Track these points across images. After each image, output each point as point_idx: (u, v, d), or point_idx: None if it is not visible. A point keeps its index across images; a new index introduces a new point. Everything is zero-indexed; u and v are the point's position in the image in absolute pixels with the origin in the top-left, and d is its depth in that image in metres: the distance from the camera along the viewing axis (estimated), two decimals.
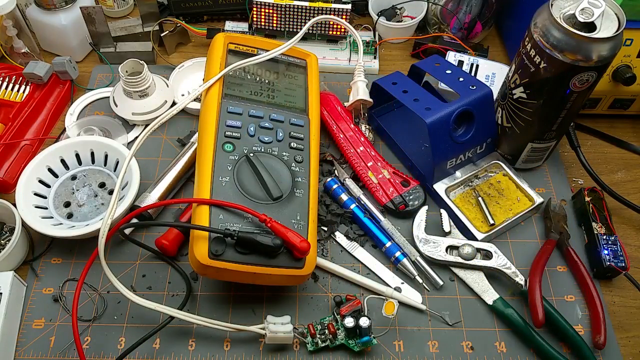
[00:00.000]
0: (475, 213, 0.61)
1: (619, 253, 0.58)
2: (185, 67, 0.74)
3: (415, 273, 0.57)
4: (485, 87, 0.60)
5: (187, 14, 0.81)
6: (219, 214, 0.50)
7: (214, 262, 0.48)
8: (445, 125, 0.58)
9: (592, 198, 0.62)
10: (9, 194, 0.63)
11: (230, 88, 0.60)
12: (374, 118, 0.69)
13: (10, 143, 0.65)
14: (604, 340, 0.53)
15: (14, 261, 0.57)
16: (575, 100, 0.56)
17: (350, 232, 0.61)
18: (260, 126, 0.58)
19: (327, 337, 0.52)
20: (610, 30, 0.51)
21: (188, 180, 0.64)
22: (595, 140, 0.72)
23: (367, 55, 0.78)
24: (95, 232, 0.55)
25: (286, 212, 0.52)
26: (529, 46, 0.54)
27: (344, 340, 0.52)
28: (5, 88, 0.71)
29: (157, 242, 0.57)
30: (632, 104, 0.70)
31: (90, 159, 0.63)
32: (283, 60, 0.66)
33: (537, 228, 0.63)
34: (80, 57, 0.78)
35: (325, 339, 0.52)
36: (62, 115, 0.72)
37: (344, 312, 0.52)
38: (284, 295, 0.56)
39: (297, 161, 0.57)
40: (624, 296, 0.58)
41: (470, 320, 0.56)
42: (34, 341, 0.53)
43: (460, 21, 0.78)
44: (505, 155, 0.65)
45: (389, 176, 0.63)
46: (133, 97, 0.68)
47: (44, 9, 0.72)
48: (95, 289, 0.56)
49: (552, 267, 0.59)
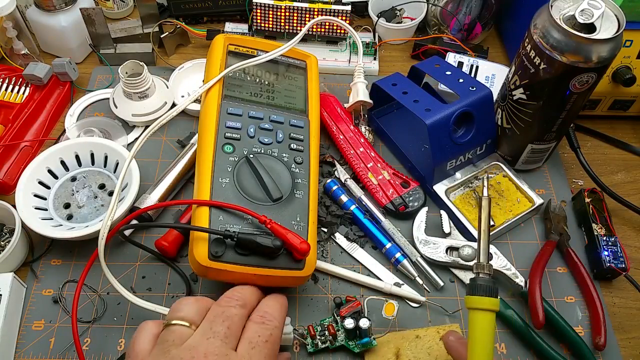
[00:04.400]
0: (475, 214, 0.61)
1: (619, 254, 0.58)
2: (185, 68, 0.74)
3: (415, 274, 0.57)
4: (485, 88, 0.60)
5: (187, 16, 0.81)
6: (219, 215, 0.50)
7: (214, 263, 0.48)
8: (445, 127, 0.58)
9: (592, 199, 0.62)
10: (8, 196, 0.63)
11: (230, 89, 0.60)
12: (373, 119, 0.69)
13: (10, 144, 0.65)
14: (604, 342, 0.53)
15: (13, 262, 0.57)
16: (575, 102, 0.56)
17: (350, 234, 0.61)
18: (260, 127, 0.58)
19: (327, 338, 0.52)
20: (610, 31, 0.51)
21: (188, 182, 0.64)
22: (595, 141, 0.72)
23: (367, 57, 0.78)
24: (95, 234, 0.55)
25: (286, 213, 0.52)
26: (529, 47, 0.54)
27: (344, 341, 0.52)
28: (5, 89, 0.71)
29: (157, 243, 0.57)
30: (632, 105, 0.70)
31: (90, 160, 0.63)
32: (283, 61, 0.66)
33: (537, 229, 0.63)
34: (80, 59, 0.78)
35: (325, 340, 0.52)
36: (62, 116, 0.72)
37: (343, 313, 0.52)
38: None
39: (297, 162, 0.57)
40: (624, 297, 0.58)
41: None
42: (33, 342, 0.53)
43: (460, 22, 0.78)
44: (505, 156, 0.65)
45: (389, 177, 0.63)
46: (133, 99, 0.68)
47: (43, 10, 0.72)
48: (95, 291, 0.56)
49: (552, 268, 0.59)
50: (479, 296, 0.42)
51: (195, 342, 0.39)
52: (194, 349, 0.39)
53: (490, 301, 0.42)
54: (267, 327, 0.42)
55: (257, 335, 0.41)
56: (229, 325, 0.41)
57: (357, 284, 0.58)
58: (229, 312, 0.42)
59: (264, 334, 0.42)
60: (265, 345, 0.41)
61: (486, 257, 0.44)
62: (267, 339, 0.42)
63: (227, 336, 0.40)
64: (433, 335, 0.53)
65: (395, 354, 0.52)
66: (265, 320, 0.43)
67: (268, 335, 0.42)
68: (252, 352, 0.40)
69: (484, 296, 0.42)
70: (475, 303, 0.42)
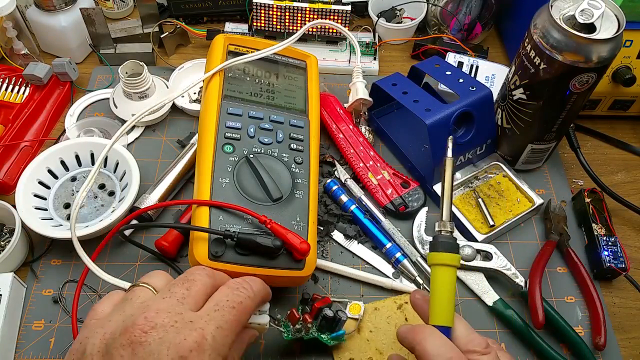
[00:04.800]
0: (475, 214, 0.61)
1: (619, 254, 0.58)
2: (185, 68, 0.74)
3: (415, 274, 0.57)
4: (485, 88, 0.60)
5: (187, 16, 0.81)
6: (219, 215, 0.50)
7: (214, 263, 0.48)
8: (445, 127, 0.58)
9: (592, 199, 0.62)
10: (8, 196, 0.63)
11: (230, 89, 0.60)
12: (373, 119, 0.69)
13: (10, 144, 0.65)
14: (604, 342, 0.53)
15: (13, 262, 0.57)
16: (575, 102, 0.56)
17: (350, 230, 0.60)
18: (260, 127, 0.58)
19: (303, 327, 0.50)
20: (610, 31, 0.51)
21: (188, 182, 0.64)
22: (595, 141, 0.72)
23: (367, 57, 0.78)
24: (95, 234, 0.55)
25: (286, 213, 0.52)
26: (529, 47, 0.54)
27: (317, 334, 0.50)
28: (5, 89, 0.71)
29: (157, 243, 0.57)
30: (632, 105, 0.70)
31: (90, 160, 0.63)
32: (283, 61, 0.66)
33: (537, 229, 0.63)
34: (80, 59, 0.78)
35: (300, 329, 0.50)
36: (62, 116, 0.72)
37: (318, 305, 0.50)
38: (283, 297, 0.56)
39: (297, 162, 0.57)
40: (624, 297, 0.58)
41: (471, 321, 0.55)
42: (33, 342, 0.53)
43: (460, 22, 0.78)
44: (505, 156, 0.65)
45: (389, 177, 0.63)
46: (133, 99, 0.68)
47: (43, 10, 0.72)
48: (95, 291, 0.56)
49: (552, 268, 0.59)
50: (440, 252, 0.44)
51: (150, 300, 0.38)
52: (147, 306, 0.36)
53: (450, 257, 0.44)
54: (239, 294, 0.40)
55: (226, 299, 0.39)
56: (188, 287, 0.38)
57: (357, 283, 0.58)
58: (192, 276, 0.40)
59: (233, 300, 0.39)
60: (231, 311, 0.38)
61: (449, 215, 0.46)
62: (235, 305, 0.38)
63: (184, 297, 0.38)
64: (390, 306, 0.55)
65: (356, 328, 0.53)
66: (240, 287, 0.40)
67: (237, 302, 0.39)
68: (214, 315, 0.37)
69: (444, 252, 0.44)
70: (436, 259, 0.44)
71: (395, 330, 0.45)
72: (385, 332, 0.53)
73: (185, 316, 0.36)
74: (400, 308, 0.55)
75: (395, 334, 0.47)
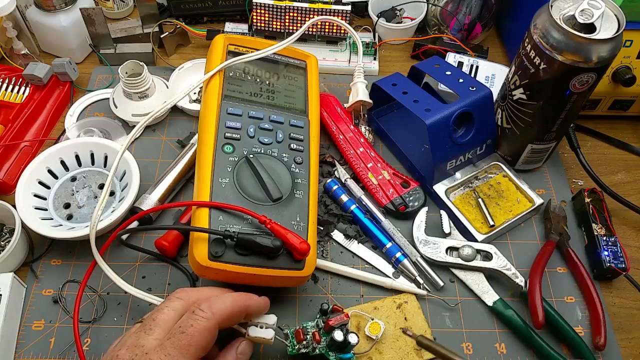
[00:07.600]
0: (475, 214, 0.61)
1: (619, 254, 0.58)
2: (185, 68, 0.74)
3: (415, 274, 0.57)
4: (485, 88, 0.60)
5: (187, 16, 0.81)
6: (219, 215, 0.50)
7: (214, 263, 0.48)
8: (445, 127, 0.58)
9: (592, 199, 0.62)
10: (8, 196, 0.63)
11: (230, 89, 0.60)
12: (373, 119, 0.69)
13: (10, 144, 0.65)
14: (604, 342, 0.53)
15: (13, 262, 0.57)
16: (575, 102, 0.56)
17: (349, 230, 0.60)
18: (260, 127, 0.58)
19: (310, 344, 0.49)
20: (610, 31, 0.51)
21: (188, 182, 0.64)
22: (595, 141, 0.72)
23: (367, 57, 0.78)
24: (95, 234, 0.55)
25: (286, 213, 0.52)
26: (529, 47, 0.54)
27: (325, 350, 0.49)
28: (5, 89, 0.71)
29: (157, 243, 0.57)
30: (632, 105, 0.70)
31: (90, 160, 0.63)
32: (283, 61, 0.66)
33: (537, 229, 0.63)
34: (80, 59, 0.78)
35: (307, 346, 0.49)
36: (61, 116, 0.72)
37: (332, 323, 0.49)
38: (283, 297, 0.56)
39: (297, 162, 0.57)
40: (624, 297, 0.58)
41: (470, 321, 0.56)
42: (33, 342, 0.53)
43: (460, 22, 0.78)
44: (505, 156, 0.65)
45: (389, 177, 0.63)
46: (133, 99, 0.68)
47: (43, 10, 0.72)
48: (95, 291, 0.56)
49: (552, 268, 0.59)
50: None
51: (128, 334, 0.42)
52: (124, 342, 0.41)
53: None
54: (193, 317, 0.41)
55: (179, 325, 0.40)
56: (155, 317, 0.42)
57: (357, 283, 0.58)
58: (164, 304, 0.43)
59: (185, 325, 0.40)
60: (181, 336, 0.39)
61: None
62: (185, 330, 0.40)
63: (151, 327, 0.41)
64: (390, 305, 0.55)
65: (356, 327, 0.53)
66: (196, 311, 0.41)
67: (188, 327, 0.40)
68: (166, 343, 0.39)
69: None
70: None
71: (395, 330, 0.45)
72: (384, 331, 0.53)
73: (145, 348, 0.39)
74: (399, 307, 0.55)
75: (395, 334, 0.47)
